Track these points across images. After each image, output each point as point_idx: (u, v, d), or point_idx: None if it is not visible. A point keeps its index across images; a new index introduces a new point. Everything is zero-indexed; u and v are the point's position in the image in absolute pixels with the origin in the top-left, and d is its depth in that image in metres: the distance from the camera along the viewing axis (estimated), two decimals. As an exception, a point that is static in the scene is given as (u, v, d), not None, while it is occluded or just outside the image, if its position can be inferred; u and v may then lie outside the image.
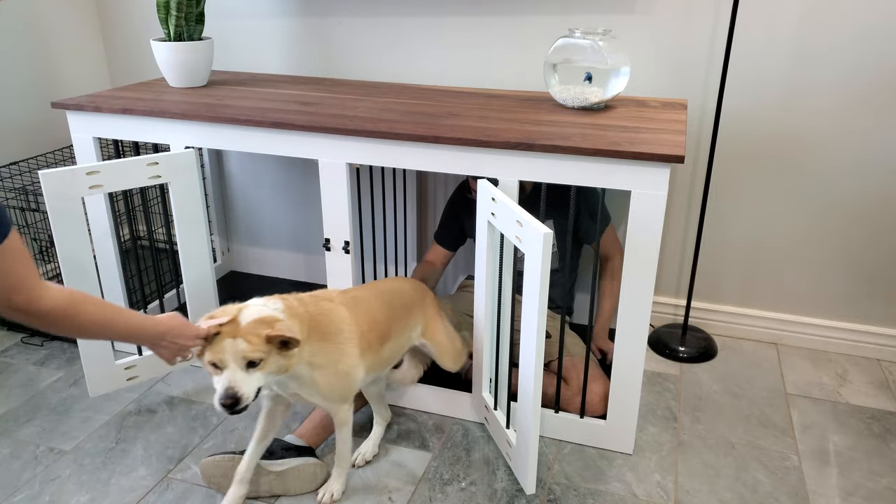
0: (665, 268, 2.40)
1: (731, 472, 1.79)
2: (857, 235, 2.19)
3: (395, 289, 1.81)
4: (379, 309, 1.69)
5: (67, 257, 1.78)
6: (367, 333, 1.62)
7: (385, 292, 1.76)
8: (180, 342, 1.41)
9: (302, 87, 2.24)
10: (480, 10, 2.25)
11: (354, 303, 1.64)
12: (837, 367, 2.25)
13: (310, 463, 1.70)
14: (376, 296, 1.73)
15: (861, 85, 2.04)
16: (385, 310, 1.70)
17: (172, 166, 1.86)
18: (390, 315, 1.71)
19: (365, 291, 1.73)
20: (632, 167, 1.56)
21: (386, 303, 1.72)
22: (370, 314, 1.65)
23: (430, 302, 1.89)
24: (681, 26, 2.10)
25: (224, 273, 2.79)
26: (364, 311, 1.64)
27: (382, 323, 1.68)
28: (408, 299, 1.80)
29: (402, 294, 1.80)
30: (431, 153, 1.72)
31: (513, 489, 1.73)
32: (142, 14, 2.64)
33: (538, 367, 1.54)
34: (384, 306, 1.71)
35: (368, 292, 1.73)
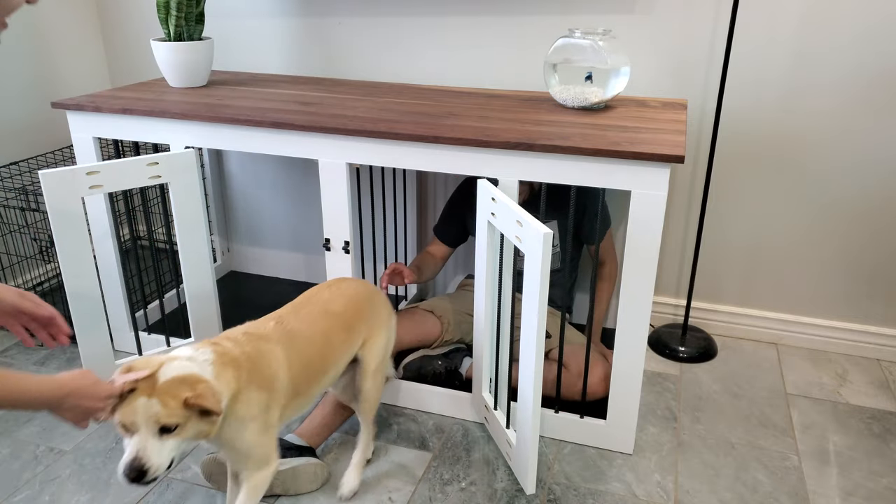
0: (665, 268, 2.40)
1: (731, 472, 1.79)
2: (857, 235, 2.19)
3: (343, 308, 1.59)
4: (316, 345, 1.50)
5: (67, 257, 1.78)
6: (298, 379, 1.45)
7: (330, 314, 1.56)
8: (86, 404, 1.20)
9: (302, 87, 2.24)
10: (480, 10, 2.25)
11: (291, 340, 1.46)
12: (837, 367, 2.25)
13: (311, 463, 1.70)
14: (317, 322, 1.53)
15: (861, 85, 2.04)
16: (322, 345, 1.52)
17: (172, 166, 1.86)
18: (327, 350, 1.53)
19: (305, 323, 1.51)
20: (632, 167, 1.56)
21: (324, 335, 1.53)
22: (305, 354, 1.47)
23: (379, 308, 1.69)
24: (681, 26, 2.10)
25: (224, 273, 2.79)
26: (299, 350, 1.46)
27: (316, 362, 1.50)
28: (353, 315, 1.60)
29: (349, 312, 1.60)
30: (431, 153, 1.72)
31: (513, 489, 1.73)
32: (142, 14, 2.64)
33: (538, 367, 1.54)
34: (323, 341, 1.52)
35: (308, 324, 1.52)
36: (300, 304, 1.59)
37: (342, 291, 1.64)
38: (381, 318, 1.69)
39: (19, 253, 2.50)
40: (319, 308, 1.57)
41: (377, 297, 1.71)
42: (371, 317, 1.66)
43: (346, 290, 1.65)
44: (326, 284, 1.67)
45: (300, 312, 1.55)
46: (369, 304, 1.67)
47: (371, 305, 1.67)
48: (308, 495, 1.70)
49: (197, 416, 1.22)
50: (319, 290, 1.65)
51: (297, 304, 1.59)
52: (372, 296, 1.69)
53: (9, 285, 1.39)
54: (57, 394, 1.18)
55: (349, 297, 1.63)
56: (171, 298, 2.46)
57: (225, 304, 2.27)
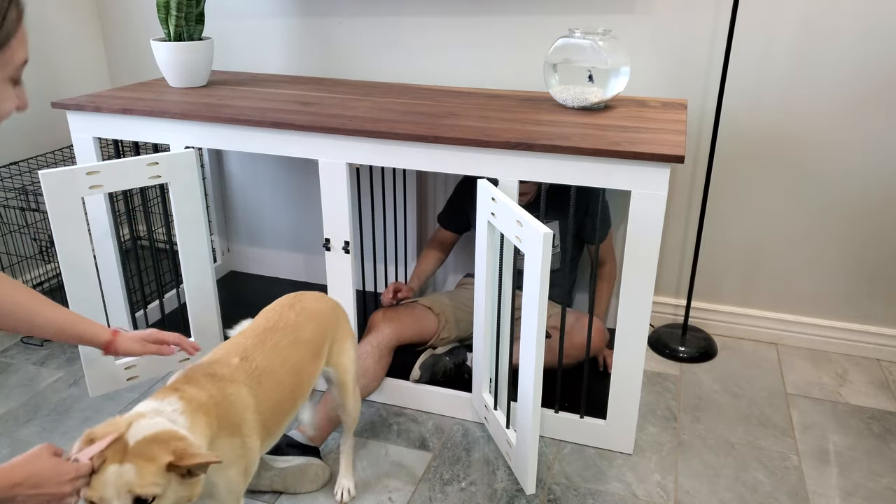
0: (665, 268, 2.40)
1: (731, 472, 1.79)
2: (857, 235, 2.19)
3: (313, 333, 1.48)
4: (287, 385, 1.38)
5: (67, 257, 1.78)
6: (270, 420, 1.33)
7: (300, 344, 1.44)
8: (48, 491, 1.00)
9: (302, 87, 2.24)
10: (480, 10, 2.25)
11: (258, 380, 1.32)
12: (837, 367, 2.25)
13: (312, 464, 1.70)
14: (288, 357, 1.40)
15: (861, 85, 2.04)
16: (294, 384, 1.40)
17: (172, 166, 1.86)
18: (297, 383, 1.41)
19: (274, 359, 1.38)
20: (632, 167, 1.56)
21: (295, 370, 1.41)
22: (275, 394, 1.35)
23: (341, 321, 1.61)
24: (681, 26, 2.10)
25: (224, 273, 2.79)
26: (268, 390, 1.33)
27: (287, 400, 1.38)
28: (321, 337, 1.50)
29: (318, 338, 1.49)
30: (431, 153, 1.72)
31: (513, 489, 1.73)
32: (142, 14, 2.64)
33: (538, 367, 1.54)
34: (293, 378, 1.40)
35: (278, 360, 1.38)
36: (267, 331, 1.42)
37: (309, 314, 1.50)
38: (346, 332, 1.61)
39: (19, 253, 2.50)
40: (288, 338, 1.42)
41: (339, 310, 1.61)
42: (337, 333, 1.57)
43: (312, 310, 1.52)
44: (289, 303, 1.51)
45: (267, 343, 1.39)
46: (334, 321, 1.57)
47: (335, 322, 1.57)
48: (308, 495, 1.70)
49: (178, 479, 1.07)
50: (283, 310, 1.49)
51: (263, 331, 1.42)
52: (335, 310, 1.59)
53: (131, 332, 1.37)
54: (4, 484, 0.98)
55: (316, 319, 1.51)
56: (171, 298, 2.46)
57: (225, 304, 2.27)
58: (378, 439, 1.90)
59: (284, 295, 1.56)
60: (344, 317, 1.62)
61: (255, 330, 1.43)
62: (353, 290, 1.93)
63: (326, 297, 1.61)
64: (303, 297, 1.56)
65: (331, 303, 1.60)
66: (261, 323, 1.46)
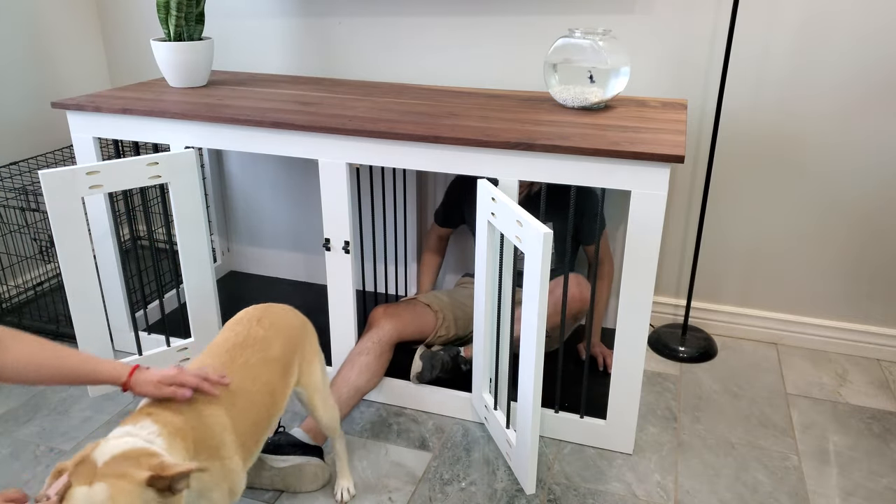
0: (665, 268, 2.40)
1: (731, 472, 1.79)
2: (857, 236, 2.19)
3: (282, 350, 1.43)
4: (261, 404, 1.34)
5: (67, 257, 1.78)
6: (247, 440, 1.29)
7: (270, 362, 1.39)
8: None
9: (302, 87, 2.24)
10: (480, 10, 2.25)
11: (233, 400, 1.28)
12: (837, 367, 2.25)
13: (312, 463, 1.70)
14: (259, 375, 1.36)
15: (861, 85, 2.04)
16: (268, 402, 1.36)
17: (172, 166, 1.86)
18: (271, 401, 1.37)
19: (246, 378, 1.33)
20: (632, 167, 1.56)
21: (268, 388, 1.36)
22: (250, 413, 1.31)
23: (310, 337, 1.57)
24: (681, 26, 2.10)
25: (224, 273, 2.79)
26: (243, 409, 1.29)
27: (262, 420, 1.34)
28: (290, 355, 1.46)
29: (287, 355, 1.44)
30: (431, 153, 1.72)
31: (513, 489, 1.73)
32: (142, 14, 2.64)
33: (538, 367, 1.54)
34: (267, 397, 1.35)
35: (250, 378, 1.33)
36: (236, 347, 1.37)
37: (277, 329, 1.44)
38: (314, 351, 1.56)
39: (19, 253, 2.50)
40: (258, 355, 1.37)
41: (307, 327, 1.56)
42: (305, 352, 1.52)
43: (280, 325, 1.46)
44: (256, 317, 1.45)
45: (237, 361, 1.34)
46: (302, 338, 1.52)
47: (303, 339, 1.52)
48: (308, 494, 1.70)
49: (157, 498, 0.99)
50: (250, 324, 1.43)
51: (232, 347, 1.37)
52: (304, 327, 1.54)
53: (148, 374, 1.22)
54: None
55: (284, 334, 1.45)
56: (171, 298, 2.46)
57: (225, 304, 2.28)
58: (378, 439, 1.90)
59: (251, 306, 1.50)
60: (312, 335, 1.57)
61: (224, 346, 1.37)
62: (353, 290, 1.93)
63: (295, 312, 1.55)
64: (271, 310, 1.49)
65: (299, 318, 1.54)
66: (229, 338, 1.40)
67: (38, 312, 2.42)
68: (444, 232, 2.33)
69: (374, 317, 2.03)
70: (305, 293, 2.63)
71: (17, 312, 2.44)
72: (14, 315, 2.42)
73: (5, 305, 2.46)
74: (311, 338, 1.57)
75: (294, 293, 2.64)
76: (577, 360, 2.15)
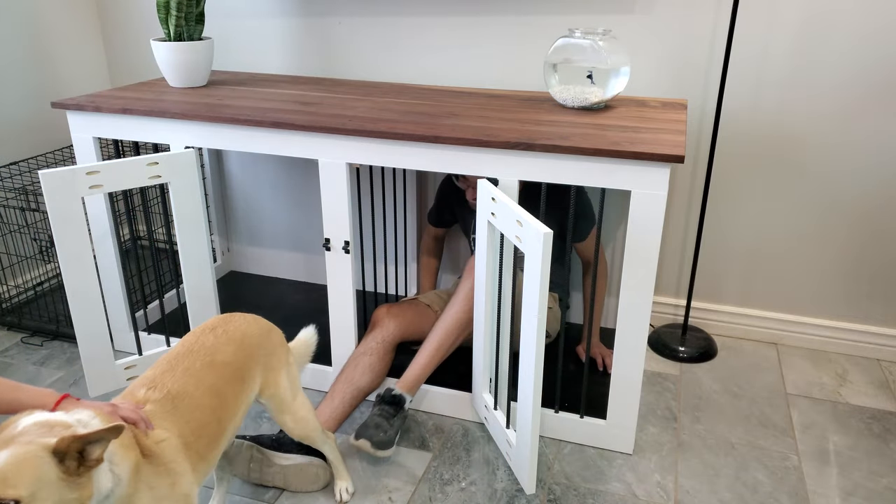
0: (665, 268, 2.40)
1: (731, 472, 1.79)
2: (857, 235, 2.19)
3: (233, 355, 1.38)
4: (205, 403, 1.29)
5: (67, 257, 1.78)
6: (194, 444, 1.24)
7: (217, 366, 1.34)
8: None
9: (302, 87, 2.24)
10: (480, 10, 2.25)
11: (172, 405, 1.24)
12: (837, 367, 2.25)
13: (314, 464, 1.70)
14: (203, 378, 1.31)
15: (861, 86, 2.04)
16: (215, 405, 1.31)
17: (172, 166, 1.86)
18: (219, 404, 1.32)
19: (187, 382, 1.29)
20: (632, 167, 1.56)
21: (214, 391, 1.32)
22: (195, 415, 1.26)
23: (275, 348, 1.50)
24: (681, 26, 2.10)
25: (224, 273, 2.79)
26: (186, 412, 1.25)
27: (211, 423, 1.29)
28: (245, 361, 1.40)
29: (239, 360, 1.39)
30: (431, 153, 1.72)
31: (513, 489, 1.73)
32: (142, 14, 2.64)
33: (538, 367, 1.54)
34: (213, 399, 1.31)
35: (192, 383, 1.30)
36: (178, 356, 1.34)
37: (229, 336, 1.40)
38: (279, 359, 1.50)
39: (19, 253, 2.50)
40: (202, 360, 1.33)
41: (274, 337, 1.50)
42: (270, 361, 1.47)
43: (234, 332, 1.41)
44: (210, 327, 1.42)
45: (177, 369, 1.30)
46: (265, 347, 1.46)
47: (267, 348, 1.46)
48: (309, 494, 1.70)
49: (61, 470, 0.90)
50: (202, 334, 1.40)
51: (175, 356, 1.34)
52: (266, 335, 1.48)
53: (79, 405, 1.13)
54: None
55: (238, 341, 1.40)
56: (171, 298, 2.46)
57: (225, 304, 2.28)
58: (378, 439, 1.90)
59: (214, 316, 1.47)
60: (280, 345, 1.51)
61: (167, 357, 1.35)
62: (352, 290, 1.93)
63: (260, 322, 1.49)
64: (230, 319, 1.45)
65: (263, 328, 1.48)
66: (176, 349, 1.36)
67: (38, 312, 2.42)
68: (438, 232, 2.34)
69: (377, 316, 2.03)
70: (305, 293, 2.63)
71: (17, 312, 2.44)
72: (14, 315, 2.42)
73: (5, 305, 2.46)
74: (278, 350, 1.50)
75: (294, 293, 2.64)
76: (578, 361, 2.15)
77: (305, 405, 1.56)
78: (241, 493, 1.70)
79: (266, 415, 1.97)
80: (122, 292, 2.12)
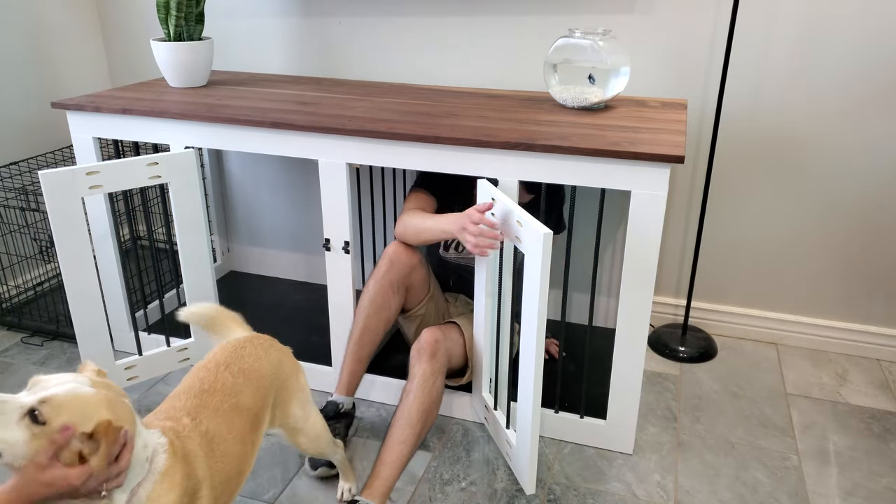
0: (665, 268, 2.40)
1: (731, 472, 1.79)
2: (857, 235, 2.19)
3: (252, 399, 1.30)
4: (235, 456, 1.22)
5: (67, 257, 1.78)
6: (220, 496, 1.18)
7: (242, 411, 1.26)
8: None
9: (302, 87, 2.24)
10: (480, 10, 2.25)
11: (211, 448, 1.17)
12: (837, 367, 2.25)
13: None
14: (233, 424, 1.24)
15: (861, 86, 2.04)
16: (241, 455, 1.24)
17: (172, 166, 1.86)
18: (244, 459, 1.25)
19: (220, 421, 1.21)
20: (632, 167, 1.56)
21: (241, 440, 1.24)
22: (225, 466, 1.19)
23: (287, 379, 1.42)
24: (681, 26, 2.10)
25: (224, 273, 2.79)
26: (220, 460, 1.18)
27: (235, 475, 1.23)
28: (263, 404, 1.33)
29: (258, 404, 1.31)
30: (431, 153, 1.72)
31: (513, 489, 1.73)
32: (142, 14, 2.64)
33: (538, 367, 1.54)
34: (240, 448, 1.24)
35: (226, 427, 1.22)
36: (204, 393, 1.25)
37: (246, 376, 1.31)
38: (290, 390, 1.43)
39: (19, 253, 2.50)
40: (229, 401, 1.25)
41: (283, 364, 1.42)
42: (279, 393, 1.39)
43: (250, 372, 1.32)
44: (224, 363, 1.31)
45: (209, 406, 1.22)
46: (273, 382, 1.37)
47: (275, 381, 1.38)
48: (308, 495, 1.70)
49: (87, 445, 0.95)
50: (218, 371, 1.30)
51: (200, 392, 1.25)
52: (277, 366, 1.39)
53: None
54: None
55: (255, 382, 1.32)
56: (171, 298, 2.45)
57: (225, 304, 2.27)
58: (378, 439, 1.90)
59: (219, 347, 1.37)
60: (292, 374, 1.43)
61: (193, 388, 1.25)
62: (352, 290, 1.93)
63: (271, 352, 1.40)
64: (242, 353, 1.35)
65: (274, 360, 1.39)
66: (194, 384, 1.26)
67: (38, 312, 2.42)
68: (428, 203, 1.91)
69: (434, 347, 1.79)
70: (305, 293, 2.63)
71: (17, 312, 2.44)
72: (14, 315, 2.42)
73: (5, 305, 2.46)
74: (289, 379, 1.42)
75: (294, 293, 2.64)
76: (578, 361, 2.15)
77: (318, 424, 1.51)
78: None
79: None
80: (122, 292, 2.12)
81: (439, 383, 1.75)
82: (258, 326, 1.54)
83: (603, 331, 2.27)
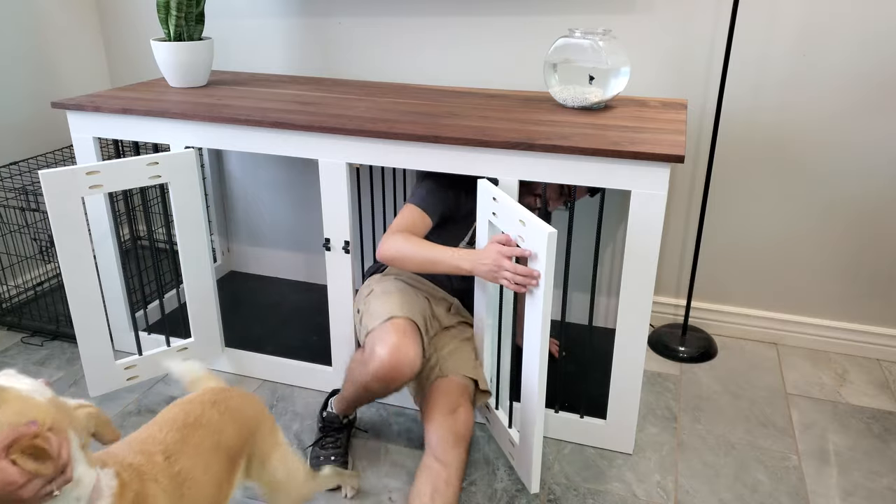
0: (665, 268, 2.40)
1: (731, 472, 1.79)
2: (857, 235, 2.19)
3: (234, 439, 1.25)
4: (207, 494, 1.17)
5: (67, 257, 1.78)
6: None
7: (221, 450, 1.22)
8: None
9: (302, 87, 2.24)
10: (480, 10, 2.25)
11: (181, 493, 1.11)
12: (837, 367, 2.25)
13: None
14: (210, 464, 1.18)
15: (862, 86, 2.04)
16: (213, 491, 1.18)
17: (172, 166, 1.86)
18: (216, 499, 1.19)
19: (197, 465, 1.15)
20: (632, 167, 1.56)
21: (217, 482, 1.19)
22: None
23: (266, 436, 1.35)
24: (681, 26, 2.10)
25: (224, 273, 2.79)
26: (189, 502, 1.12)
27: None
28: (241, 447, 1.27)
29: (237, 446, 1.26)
30: (431, 153, 1.72)
31: (513, 489, 1.73)
32: (142, 14, 2.64)
33: (542, 366, 1.54)
34: (213, 487, 1.18)
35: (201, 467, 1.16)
36: (188, 427, 1.20)
37: (231, 415, 1.27)
38: (271, 445, 1.36)
39: (19, 253, 2.50)
40: (211, 439, 1.20)
41: (263, 418, 1.36)
42: (258, 444, 1.32)
43: (235, 412, 1.28)
44: (210, 401, 1.27)
45: (189, 442, 1.17)
46: (255, 431, 1.32)
47: (258, 431, 1.33)
48: (308, 495, 1.70)
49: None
50: (204, 407, 1.25)
51: (184, 425, 1.20)
52: (259, 418, 1.34)
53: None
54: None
55: (239, 422, 1.28)
56: (171, 298, 2.45)
57: (225, 304, 2.27)
58: (378, 439, 1.90)
59: (206, 389, 1.33)
60: (270, 427, 1.36)
61: (176, 422, 1.20)
62: (352, 290, 1.93)
63: (254, 400, 1.37)
64: (228, 395, 1.31)
65: (256, 408, 1.35)
66: (179, 416, 1.21)
67: (38, 312, 2.42)
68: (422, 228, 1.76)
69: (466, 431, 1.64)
70: (305, 293, 2.63)
71: (17, 312, 2.44)
72: (14, 315, 2.42)
73: (5, 305, 2.46)
74: (267, 433, 1.35)
75: (294, 293, 2.64)
76: (578, 361, 2.15)
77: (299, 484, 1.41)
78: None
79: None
80: (122, 292, 2.12)
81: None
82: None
83: (603, 331, 2.27)
